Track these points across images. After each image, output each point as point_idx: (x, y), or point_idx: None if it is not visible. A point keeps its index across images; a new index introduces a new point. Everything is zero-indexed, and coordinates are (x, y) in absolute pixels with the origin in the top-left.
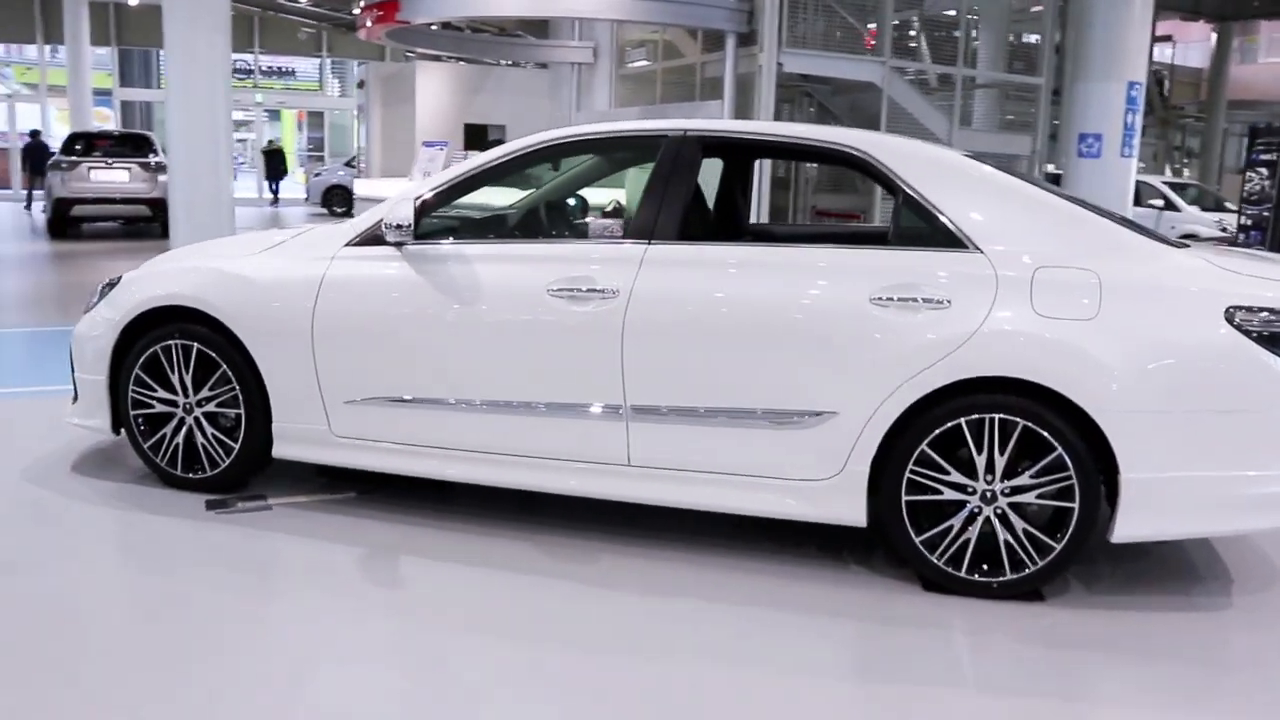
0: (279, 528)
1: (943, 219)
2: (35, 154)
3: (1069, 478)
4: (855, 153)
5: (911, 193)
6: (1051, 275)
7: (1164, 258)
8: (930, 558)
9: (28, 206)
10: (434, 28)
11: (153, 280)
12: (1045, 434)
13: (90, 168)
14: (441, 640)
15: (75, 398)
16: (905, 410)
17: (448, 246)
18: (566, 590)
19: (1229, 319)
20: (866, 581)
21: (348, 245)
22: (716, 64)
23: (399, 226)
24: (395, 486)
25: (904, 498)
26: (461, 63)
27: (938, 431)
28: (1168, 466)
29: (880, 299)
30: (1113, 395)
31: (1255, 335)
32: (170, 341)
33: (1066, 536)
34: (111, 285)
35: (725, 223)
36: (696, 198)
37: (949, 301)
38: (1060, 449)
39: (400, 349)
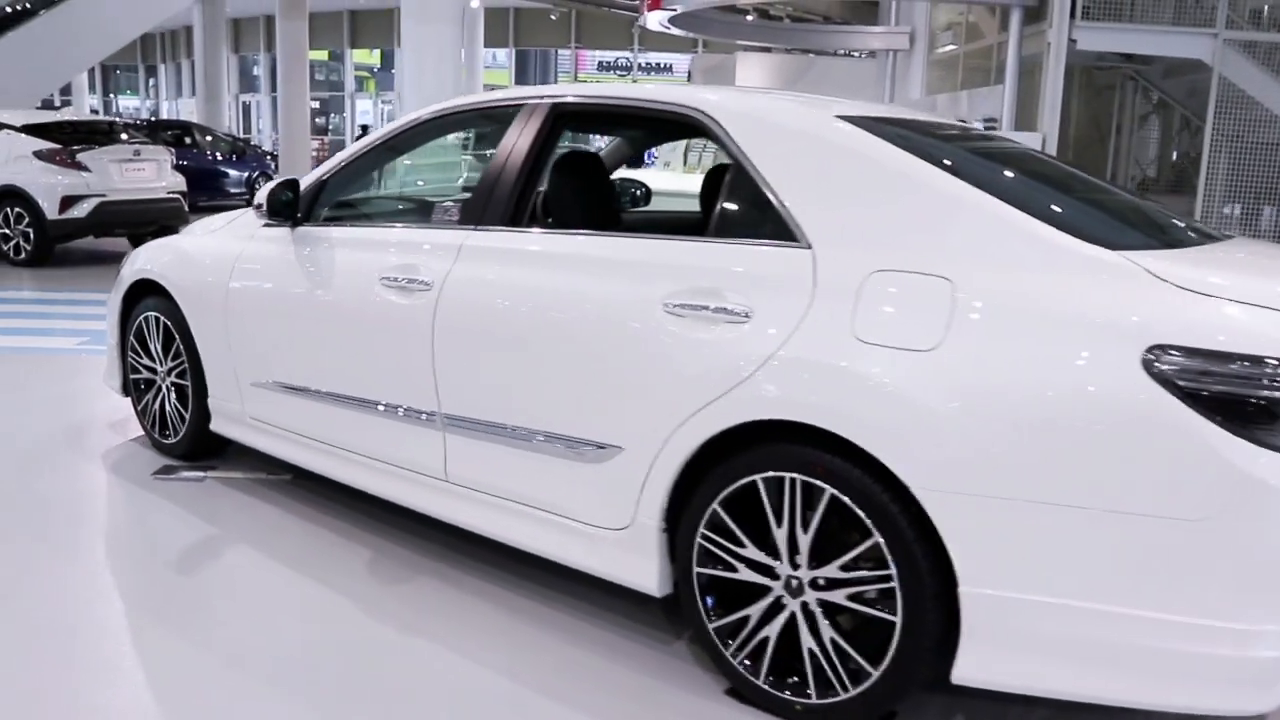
0: (183, 499)
1: (773, 199)
2: None
3: (890, 578)
4: (694, 114)
5: (745, 163)
6: (889, 283)
7: (1082, 262)
8: (724, 651)
9: None
10: (750, 18)
11: (147, 252)
12: (859, 511)
13: None
14: (110, 649)
15: None
16: (695, 455)
17: (321, 229)
18: (330, 615)
19: (1148, 367)
20: (677, 668)
21: (264, 225)
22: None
23: (258, 207)
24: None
25: (695, 569)
26: (796, 53)
27: (731, 489)
28: (1032, 585)
29: (674, 306)
30: (946, 467)
31: (1189, 394)
32: (148, 313)
33: (886, 661)
34: None
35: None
36: (571, 177)
37: (749, 314)
38: (878, 536)
39: (277, 332)
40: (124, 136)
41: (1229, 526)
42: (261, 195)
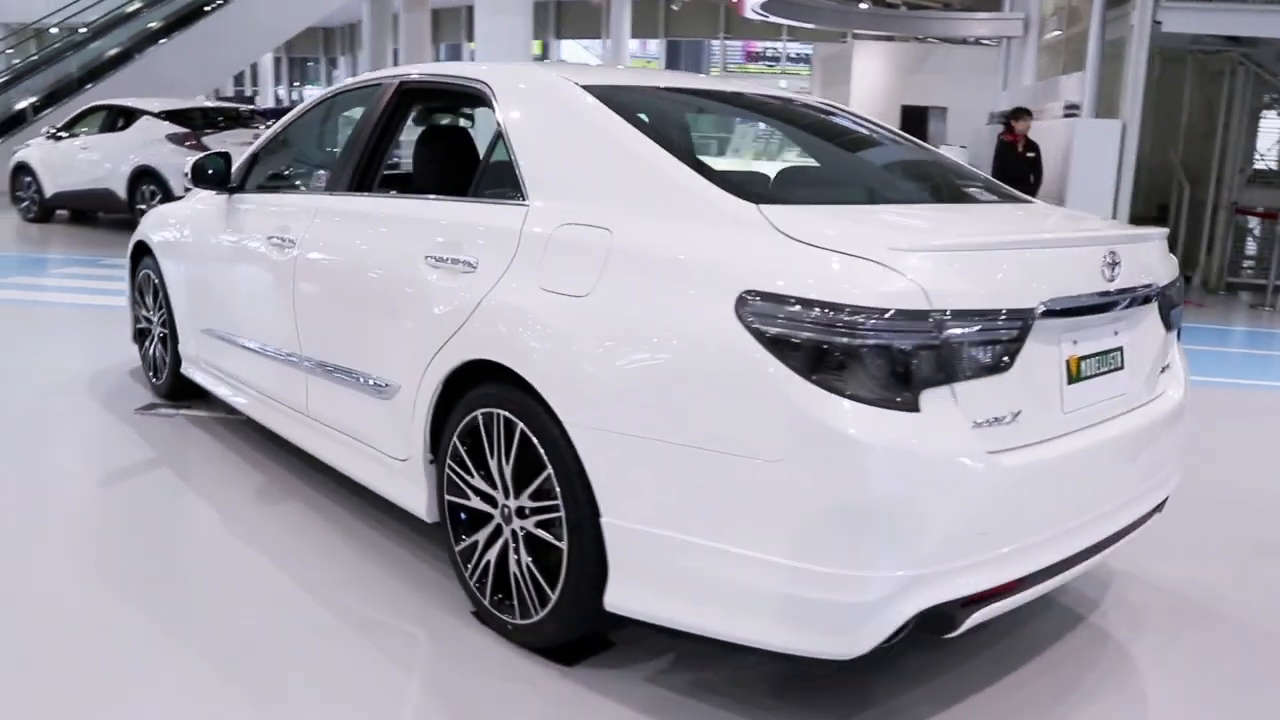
0: (146, 431)
1: (513, 160)
2: None
3: (558, 508)
4: (476, 85)
5: (501, 128)
6: (568, 235)
7: (715, 212)
8: (464, 573)
9: None
10: (864, 5)
11: (149, 217)
12: (539, 445)
13: None
14: None
15: None
16: (441, 392)
17: (246, 195)
18: (199, 527)
19: (738, 310)
20: (450, 590)
21: (214, 194)
22: (1111, 26)
23: (185, 174)
24: None
25: (445, 496)
26: (910, 42)
27: (464, 423)
28: (653, 519)
29: (433, 258)
30: (588, 405)
31: (769, 339)
32: (145, 270)
33: (559, 587)
34: None
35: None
36: (429, 148)
37: (476, 265)
38: (550, 468)
39: (210, 285)
40: (259, 124)
41: (802, 469)
42: (187, 165)
